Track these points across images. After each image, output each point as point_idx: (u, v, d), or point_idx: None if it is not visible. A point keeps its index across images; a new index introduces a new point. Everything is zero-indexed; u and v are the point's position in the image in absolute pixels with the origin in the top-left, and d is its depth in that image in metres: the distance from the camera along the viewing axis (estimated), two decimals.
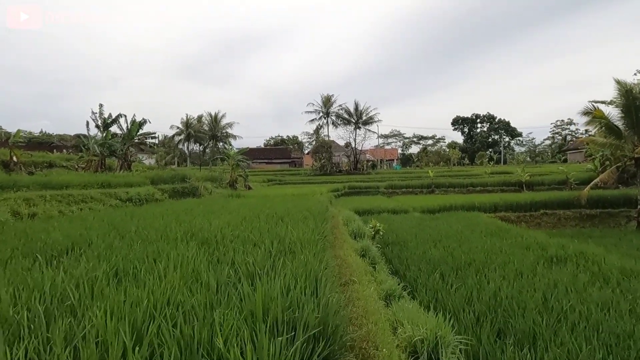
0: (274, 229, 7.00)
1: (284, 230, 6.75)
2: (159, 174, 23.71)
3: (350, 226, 11.94)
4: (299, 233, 6.41)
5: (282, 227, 7.25)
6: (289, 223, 8.09)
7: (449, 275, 8.25)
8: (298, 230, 6.85)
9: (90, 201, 15.54)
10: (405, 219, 18.83)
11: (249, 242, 5.73)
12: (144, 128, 34.30)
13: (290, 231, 6.75)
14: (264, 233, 6.62)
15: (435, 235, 13.70)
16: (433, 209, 23.72)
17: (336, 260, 6.73)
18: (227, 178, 30.56)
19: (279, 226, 7.50)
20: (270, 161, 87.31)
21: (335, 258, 6.92)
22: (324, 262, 4.78)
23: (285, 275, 3.86)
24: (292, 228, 7.09)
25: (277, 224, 7.88)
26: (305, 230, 6.87)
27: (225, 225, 7.71)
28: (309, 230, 6.95)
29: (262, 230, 6.95)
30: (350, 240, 9.91)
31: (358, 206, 24.14)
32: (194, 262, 4.27)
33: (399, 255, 10.59)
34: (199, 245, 5.50)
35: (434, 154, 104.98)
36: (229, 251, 4.97)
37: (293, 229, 6.93)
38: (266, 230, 7.03)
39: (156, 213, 11.85)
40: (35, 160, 27.31)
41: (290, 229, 6.90)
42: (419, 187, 39.88)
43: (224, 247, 5.28)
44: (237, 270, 4.09)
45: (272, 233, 6.59)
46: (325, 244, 7.41)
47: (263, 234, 6.51)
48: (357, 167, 65.07)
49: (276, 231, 6.71)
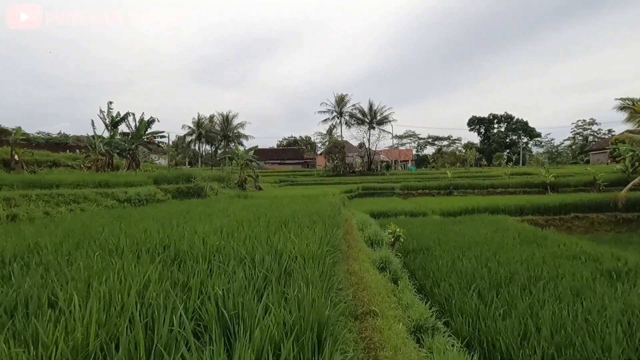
0: (273, 238, 5.59)
1: (283, 241, 5.32)
2: (162, 174, 22.56)
3: (366, 231, 10.47)
4: (302, 245, 4.98)
5: (282, 236, 5.84)
6: (293, 230, 6.68)
7: (488, 294, 6.72)
8: (302, 239, 5.43)
9: (83, 201, 14.36)
10: (424, 223, 17.25)
11: (234, 258, 4.31)
12: (153, 127, 33.50)
13: (292, 241, 5.34)
14: (259, 244, 5.21)
15: (461, 241, 12.13)
16: (454, 211, 22.06)
17: (350, 277, 5.29)
18: (235, 178, 29.31)
19: (280, 234, 6.09)
20: (282, 162, 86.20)
21: (349, 275, 5.47)
22: (332, 289, 3.35)
23: (273, 317, 2.45)
24: (294, 237, 5.67)
25: (277, 231, 6.46)
26: (312, 240, 5.46)
27: (215, 232, 6.32)
28: (316, 239, 5.52)
29: (257, 239, 5.55)
30: (366, 248, 8.45)
31: (373, 208, 22.64)
32: (120, 296, 2.82)
33: (423, 266, 9.08)
34: (164, 263, 4.09)
35: (449, 154, 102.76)
36: (200, 273, 3.55)
37: (296, 238, 5.51)
38: (263, 239, 5.64)
39: (147, 215, 10.58)
40: (38, 159, 26.47)
41: (292, 238, 5.48)
42: (436, 188, 38.13)
43: (196, 265, 3.87)
44: (197, 310, 2.67)
45: (268, 244, 5.17)
46: (336, 257, 5.98)
47: (257, 245, 5.10)
48: (371, 167, 63.37)
49: (274, 241, 5.29)
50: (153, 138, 36.07)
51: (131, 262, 4.05)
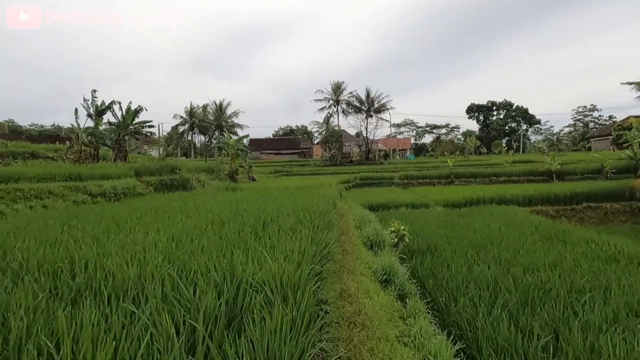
0: (237, 252, 4.07)
1: (252, 255, 3.80)
2: (145, 165, 20.96)
3: (364, 230, 8.97)
4: (276, 262, 3.46)
5: (253, 247, 4.33)
6: (271, 234, 5.18)
7: (521, 314, 5.25)
8: (277, 253, 3.93)
9: (46, 197, 12.80)
10: (428, 216, 15.77)
11: (156, 297, 2.79)
12: (141, 116, 31.86)
13: (260, 255, 3.83)
14: (215, 261, 3.69)
15: (473, 238, 10.66)
16: (458, 202, 20.58)
17: (344, 306, 3.78)
18: (226, 169, 27.71)
19: (250, 243, 4.58)
20: (278, 152, 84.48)
21: (343, 300, 3.97)
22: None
23: None
24: (267, 249, 4.17)
25: (250, 238, 4.95)
26: (292, 252, 3.97)
27: (168, 240, 4.81)
28: (298, 252, 4.02)
29: (216, 253, 4.04)
30: (365, 253, 6.95)
31: (371, 199, 21.15)
32: None
33: (433, 273, 7.59)
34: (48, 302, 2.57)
35: (448, 143, 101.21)
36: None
37: (269, 253, 4.00)
38: (226, 249, 4.15)
39: (109, 213, 9.04)
40: (14, 151, 24.77)
41: (262, 253, 3.96)
42: (437, 177, 36.68)
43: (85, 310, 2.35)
44: None
45: (226, 264, 3.65)
46: (326, 273, 4.48)
47: (210, 264, 3.58)
48: (368, 157, 61.79)
49: (236, 259, 3.77)
50: (141, 128, 34.35)
51: None
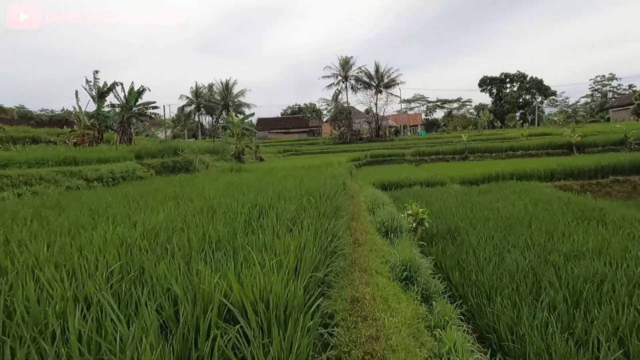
0: (217, 254, 3.14)
1: (228, 261, 2.87)
2: (146, 147, 20.15)
3: (378, 214, 8.01)
4: (266, 269, 2.51)
5: (241, 244, 3.41)
6: (266, 226, 4.26)
7: (574, 319, 4.29)
8: (268, 255, 3.00)
9: (37, 183, 12.04)
10: (445, 194, 14.73)
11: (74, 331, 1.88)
12: (144, 97, 30.97)
13: (248, 257, 2.91)
14: (181, 271, 2.77)
15: (497, 219, 9.65)
16: (475, 179, 19.46)
17: (356, 326, 2.86)
18: (232, 149, 26.79)
19: (238, 240, 3.65)
20: (287, 131, 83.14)
21: (354, 315, 3.04)
22: None
23: None
24: (260, 245, 3.24)
25: (240, 232, 4.03)
26: (287, 248, 3.05)
27: (137, 237, 3.91)
28: (292, 254, 3.09)
29: (194, 253, 3.13)
30: (379, 243, 6.00)
31: (383, 178, 20.12)
32: None
33: (458, 263, 6.63)
34: None
35: (460, 117, 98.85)
36: None
37: (258, 254, 3.07)
38: (201, 253, 3.25)
39: (95, 201, 8.22)
40: (14, 136, 24.10)
41: (250, 254, 3.03)
42: (450, 153, 35.37)
43: None
44: None
45: (191, 276, 2.72)
46: (330, 292, 3.57)
47: (174, 272, 2.66)
48: (379, 134, 60.35)
49: (203, 275, 2.84)
50: (144, 109, 33.50)
51: None
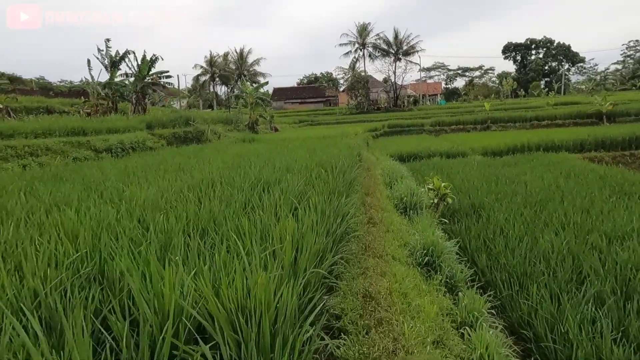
0: (195, 240, 2.58)
1: (213, 254, 2.31)
2: (157, 117, 19.67)
3: (396, 188, 7.36)
4: (239, 280, 1.94)
5: (236, 226, 2.84)
6: (268, 205, 3.68)
7: (624, 314, 3.65)
8: (268, 237, 2.43)
9: (44, 154, 11.71)
10: (467, 166, 13.91)
11: None
12: (157, 66, 30.36)
13: (233, 249, 2.34)
14: (149, 267, 2.21)
15: (526, 194, 8.89)
16: (499, 150, 18.48)
17: (369, 333, 2.29)
18: (245, 119, 26.16)
19: (230, 223, 3.08)
20: (303, 101, 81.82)
21: (365, 317, 2.47)
22: None
23: None
24: (256, 231, 2.66)
25: (237, 212, 3.46)
26: (283, 233, 2.47)
27: (119, 216, 3.39)
28: (288, 244, 2.50)
29: (174, 236, 2.58)
30: (397, 220, 5.39)
31: (401, 149, 19.32)
32: None
33: (485, 244, 5.98)
34: None
35: (481, 86, 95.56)
36: None
37: (250, 242, 2.50)
38: (178, 239, 2.70)
39: (95, 173, 7.78)
40: (28, 106, 23.92)
41: (236, 249, 2.45)
42: (472, 123, 34.01)
43: None
44: None
45: (153, 287, 2.16)
46: (337, 284, 2.99)
47: (138, 268, 2.11)
48: (397, 103, 58.69)
49: (173, 280, 2.28)
50: (158, 79, 32.97)
51: None
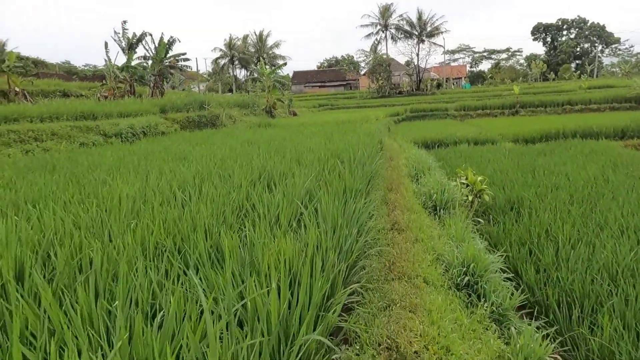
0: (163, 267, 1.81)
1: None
2: (171, 101, 19.06)
3: (423, 182, 6.47)
4: None
5: (217, 245, 2.07)
6: (267, 211, 2.89)
7: None
8: (255, 265, 1.65)
9: (49, 139, 11.20)
10: (497, 155, 12.80)
11: None
12: (174, 49, 29.80)
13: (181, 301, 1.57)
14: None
15: (570, 188, 7.86)
16: (531, 137, 17.19)
17: None
18: (263, 103, 25.37)
19: (204, 245, 2.31)
20: (323, 84, 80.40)
21: None
22: None
23: None
24: (240, 256, 1.88)
25: (217, 228, 2.69)
26: (279, 265, 1.69)
27: (78, 224, 2.66)
28: (279, 277, 1.71)
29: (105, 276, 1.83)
30: (426, 223, 4.53)
31: (425, 135, 18.22)
32: None
33: (532, 253, 5.05)
34: None
35: (508, 69, 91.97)
36: None
37: (235, 276, 1.71)
38: (129, 267, 1.95)
39: (93, 161, 7.16)
40: (45, 89, 23.69)
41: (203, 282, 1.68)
42: (499, 107, 32.41)
43: None
44: None
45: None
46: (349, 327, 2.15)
47: None
48: (420, 87, 56.82)
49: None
50: (175, 61, 32.45)
51: None
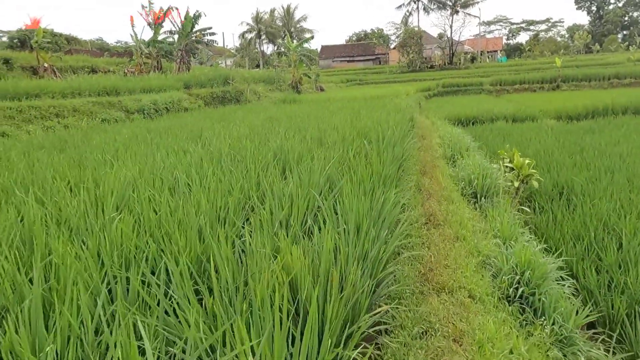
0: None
1: None
2: (195, 76, 18.67)
3: (460, 165, 5.78)
4: None
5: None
6: (276, 206, 2.37)
7: None
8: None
9: (70, 115, 10.99)
10: (539, 133, 11.76)
11: None
12: (200, 23, 29.27)
13: None
14: None
15: (627, 172, 6.96)
16: (576, 113, 15.86)
17: None
18: (288, 79, 24.69)
19: (186, 256, 1.81)
20: (352, 59, 78.43)
21: None
22: None
23: None
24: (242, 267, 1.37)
25: (209, 227, 2.18)
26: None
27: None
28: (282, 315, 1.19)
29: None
30: (466, 215, 3.90)
31: (459, 111, 17.15)
32: None
33: (590, 250, 4.35)
34: None
35: (548, 41, 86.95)
36: None
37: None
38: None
39: (106, 139, 6.82)
40: (73, 65, 23.77)
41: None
42: (538, 81, 30.46)
43: None
44: None
45: None
46: None
47: None
48: (452, 60, 54.45)
49: None
50: (202, 36, 32.00)
51: None
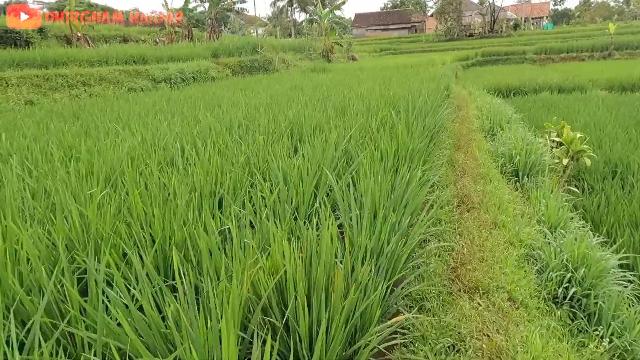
0: None
1: None
2: (224, 44, 18.29)
3: (500, 140, 5.20)
4: None
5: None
6: (282, 181, 2.02)
7: None
8: None
9: (97, 83, 10.92)
10: (589, 105, 10.78)
11: None
12: None
13: None
14: None
15: None
16: (629, 83, 14.52)
17: None
18: (319, 47, 23.90)
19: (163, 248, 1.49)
20: (386, 27, 75.65)
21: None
22: None
23: None
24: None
25: (186, 222, 1.86)
26: None
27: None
28: None
29: None
30: (506, 197, 3.41)
31: (499, 81, 16.06)
32: None
33: None
34: None
35: (599, 6, 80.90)
36: None
37: None
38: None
39: (123, 108, 6.62)
40: (106, 34, 23.85)
41: None
42: (588, 49, 28.35)
43: None
44: None
45: None
46: None
47: None
48: (494, 28, 51.47)
49: None
50: (232, 4, 31.48)
51: None
